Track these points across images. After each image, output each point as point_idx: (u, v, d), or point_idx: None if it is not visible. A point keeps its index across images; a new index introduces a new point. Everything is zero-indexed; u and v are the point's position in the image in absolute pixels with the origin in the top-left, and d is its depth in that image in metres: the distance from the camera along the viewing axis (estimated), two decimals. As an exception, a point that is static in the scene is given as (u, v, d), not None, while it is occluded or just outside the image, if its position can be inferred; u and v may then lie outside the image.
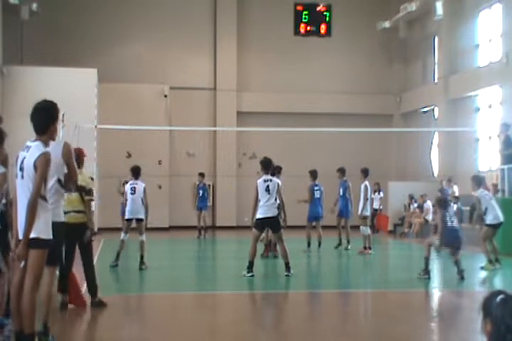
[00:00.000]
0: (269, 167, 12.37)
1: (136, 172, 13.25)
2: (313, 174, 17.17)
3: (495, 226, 13.18)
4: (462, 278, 11.24)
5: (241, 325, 8.00)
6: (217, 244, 21.66)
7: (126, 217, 13.15)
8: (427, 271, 11.44)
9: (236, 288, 11.10)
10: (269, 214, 11.97)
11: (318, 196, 16.99)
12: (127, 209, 13.18)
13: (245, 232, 19.83)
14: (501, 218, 13.24)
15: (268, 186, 12.06)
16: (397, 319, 8.40)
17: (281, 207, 12.20)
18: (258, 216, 11.99)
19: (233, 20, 27.31)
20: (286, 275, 11.79)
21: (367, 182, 16.19)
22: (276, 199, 12.04)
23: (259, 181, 12.17)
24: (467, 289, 11.02)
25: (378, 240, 19.94)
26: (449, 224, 11.40)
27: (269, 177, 12.23)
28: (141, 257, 12.91)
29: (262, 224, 12.12)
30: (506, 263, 13.75)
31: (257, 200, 12.08)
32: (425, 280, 11.34)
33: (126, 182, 14.04)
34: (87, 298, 8.71)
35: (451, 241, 11.40)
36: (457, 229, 11.49)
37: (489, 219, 13.15)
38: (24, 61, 24.60)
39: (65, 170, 6.26)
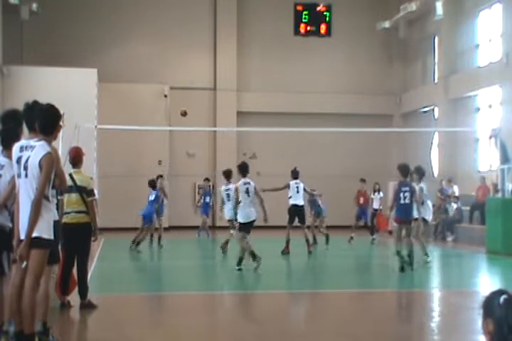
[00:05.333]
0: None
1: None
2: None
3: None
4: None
5: (242, 325, 8.01)
6: (216, 244, 21.60)
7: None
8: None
9: (240, 288, 11.10)
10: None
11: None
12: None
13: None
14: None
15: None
16: (397, 319, 8.39)
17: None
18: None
19: (233, 20, 27.29)
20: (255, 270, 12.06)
21: (422, 184, 15.36)
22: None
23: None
24: (467, 289, 11.01)
25: (378, 240, 19.92)
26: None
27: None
28: None
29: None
30: (506, 263, 13.75)
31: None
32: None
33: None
34: (77, 300, 8.51)
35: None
36: None
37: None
38: (24, 61, 24.58)
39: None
